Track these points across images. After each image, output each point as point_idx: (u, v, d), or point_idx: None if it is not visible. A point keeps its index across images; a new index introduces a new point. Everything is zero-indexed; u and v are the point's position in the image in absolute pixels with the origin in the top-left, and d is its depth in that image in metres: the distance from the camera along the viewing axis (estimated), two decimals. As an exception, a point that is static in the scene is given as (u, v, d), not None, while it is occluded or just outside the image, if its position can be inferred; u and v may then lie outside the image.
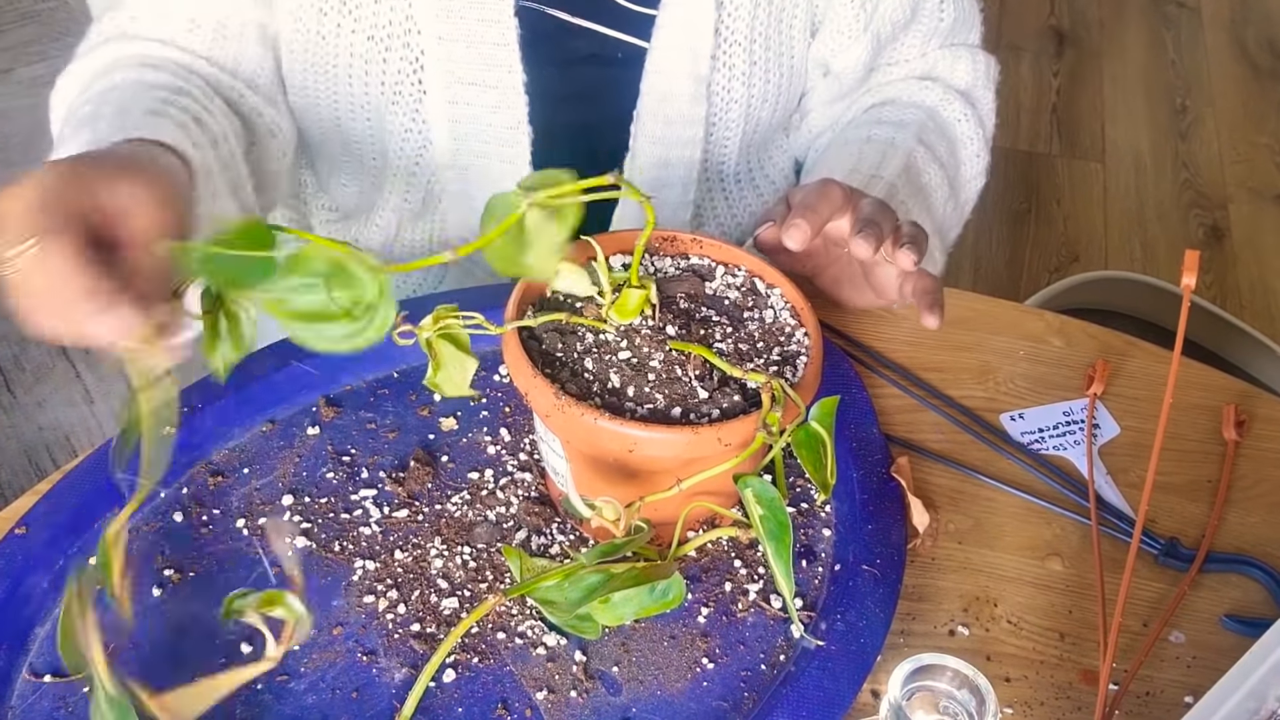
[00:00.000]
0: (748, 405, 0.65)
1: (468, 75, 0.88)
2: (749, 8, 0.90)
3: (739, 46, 0.91)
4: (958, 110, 0.99)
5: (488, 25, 0.87)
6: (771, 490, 0.61)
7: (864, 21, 0.94)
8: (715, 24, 0.89)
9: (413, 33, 0.88)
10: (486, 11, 0.86)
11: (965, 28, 1.01)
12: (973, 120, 1.00)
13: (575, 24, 0.90)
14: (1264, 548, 0.76)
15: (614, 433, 0.62)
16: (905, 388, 0.85)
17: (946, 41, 1.01)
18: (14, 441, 1.82)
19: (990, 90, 1.03)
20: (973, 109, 1.00)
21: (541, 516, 0.73)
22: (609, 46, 0.91)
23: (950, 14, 0.99)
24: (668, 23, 0.89)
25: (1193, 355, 0.85)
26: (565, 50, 0.91)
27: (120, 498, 0.63)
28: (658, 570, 0.60)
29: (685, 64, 0.90)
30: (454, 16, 0.87)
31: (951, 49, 1.01)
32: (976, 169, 1.01)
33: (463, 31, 0.87)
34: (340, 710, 0.64)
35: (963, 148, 1.00)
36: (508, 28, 0.87)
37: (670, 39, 0.89)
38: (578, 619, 0.62)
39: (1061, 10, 2.81)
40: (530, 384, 0.65)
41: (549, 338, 0.67)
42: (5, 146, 2.28)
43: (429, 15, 0.87)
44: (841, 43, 0.95)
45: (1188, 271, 0.64)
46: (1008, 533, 0.76)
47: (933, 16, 0.98)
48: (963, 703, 0.52)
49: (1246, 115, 2.55)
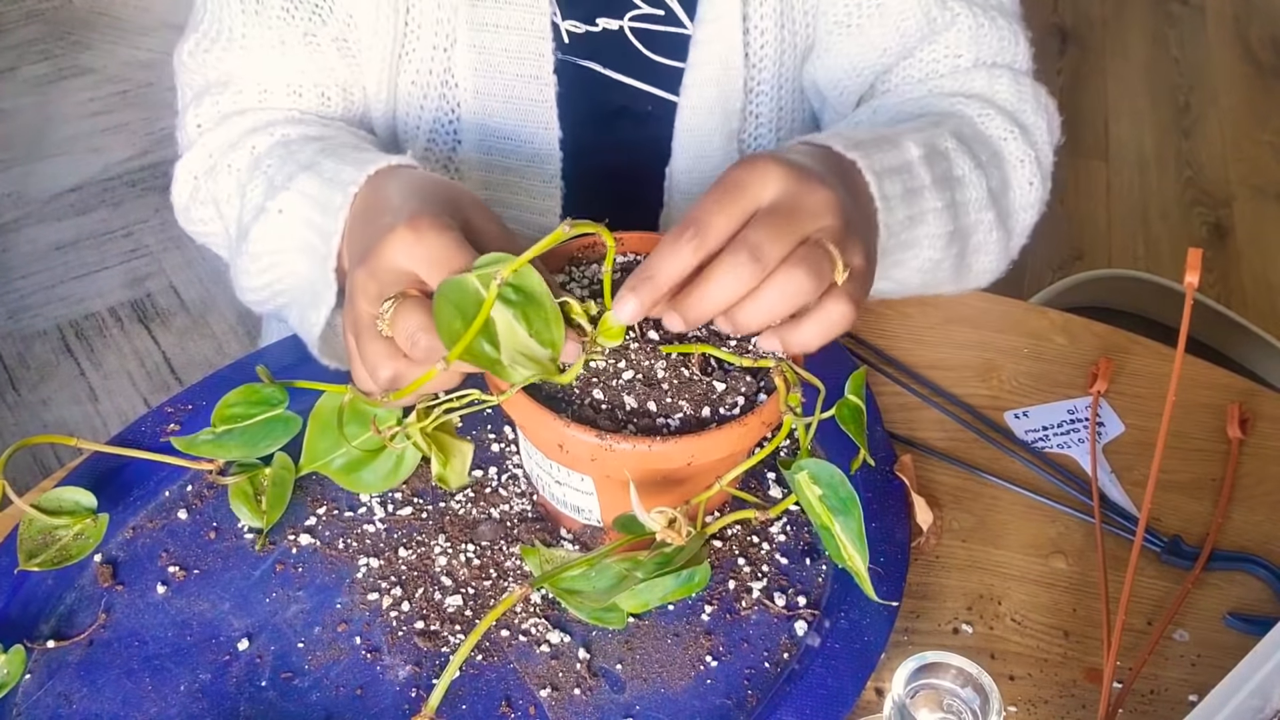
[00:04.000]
0: (759, 385, 0.65)
1: (503, 130, 0.88)
2: (774, 58, 0.88)
3: (766, 97, 0.90)
4: (1000, 126, 0.83)
5: (526, 82, 0.86)
6: (829, 468, 0.60)
7: (839, 37, 0.88)
8: (744, 80, 0.87)
9: (450, 85, 0.87)
10: (525, 68, 0.85)
11: (1007, 49, 0.87)
12: (1020, 140, 0.84)
13: (608, 77, 0.89)
14: (1268, 546, 0.76)
15: (670, 452, 0.62)
16: (908, 385, 0.85)
17: (982, 61, 0.87)
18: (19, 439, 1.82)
19: (1043, 118, 0.86)
20: (1019, 128, 0.84)
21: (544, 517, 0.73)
22: (640, 101, 0.90)
23: (987, 29, 0.86)
24: (696, 80, 0.87)
25: (1196, 353, 0.85)
26: (597, 104, 0.90)
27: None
28: (685, 554, 0.60)
29: (717, 121, 0.88)
30: (492, 71, 0.86)
31: (989, 68, 0.86)
32: (1029, 197, 0.84)
33: (500, 87, 0.86)
34: (345, 707, 0.64)
35: (1012, 169, 0.83)
36: (546, 84, 0.86)
37: (699, 97, 0.88)
38: (603, 610, 0.62)
39: (1064, 8, 2.80)
40: (564, 436, 0.62)
41: (545, 383, 0.65)
42: (9, 144, 2.29)
43: (467, 70, 0.86)
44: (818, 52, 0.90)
45: (1191, 270, 0.64)
46: (1011, 531, 0.76)
47: (960, 31, 0.86)
48: (966, 701, 0.52)
49: (1250, 113, 2.54)
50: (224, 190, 0.82)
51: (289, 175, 0.75)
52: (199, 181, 0.85)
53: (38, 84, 2.44)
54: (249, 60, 0.84)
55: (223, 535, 0.72)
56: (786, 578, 0.71)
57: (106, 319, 2.01)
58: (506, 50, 0.85)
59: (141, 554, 0.71)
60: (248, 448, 0.72)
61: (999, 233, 0.82)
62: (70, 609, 0.69)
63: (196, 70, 0.86)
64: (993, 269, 0.85)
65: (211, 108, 0.85)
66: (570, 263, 0.71)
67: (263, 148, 0.81)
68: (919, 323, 0.88)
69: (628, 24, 0.88)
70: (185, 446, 0.71)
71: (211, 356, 1.95)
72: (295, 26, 0.83)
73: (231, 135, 0.83)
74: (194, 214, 0.87)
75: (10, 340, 1.97)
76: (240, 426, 0.72)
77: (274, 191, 0.76)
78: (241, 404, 0.72)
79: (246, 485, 0.72)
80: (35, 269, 2.09)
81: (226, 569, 0.70)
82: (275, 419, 0.72)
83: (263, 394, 0.72)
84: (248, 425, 0.72)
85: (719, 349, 0.66)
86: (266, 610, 0.69)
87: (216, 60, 0.85)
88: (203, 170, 0.84)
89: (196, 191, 0.85)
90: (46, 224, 2.16)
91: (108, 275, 2.08)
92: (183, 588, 0.70)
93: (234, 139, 0.83)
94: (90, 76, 2.46)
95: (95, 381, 1.92)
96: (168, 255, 2.12)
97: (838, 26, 0.88)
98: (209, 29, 0.85)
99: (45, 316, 2.01)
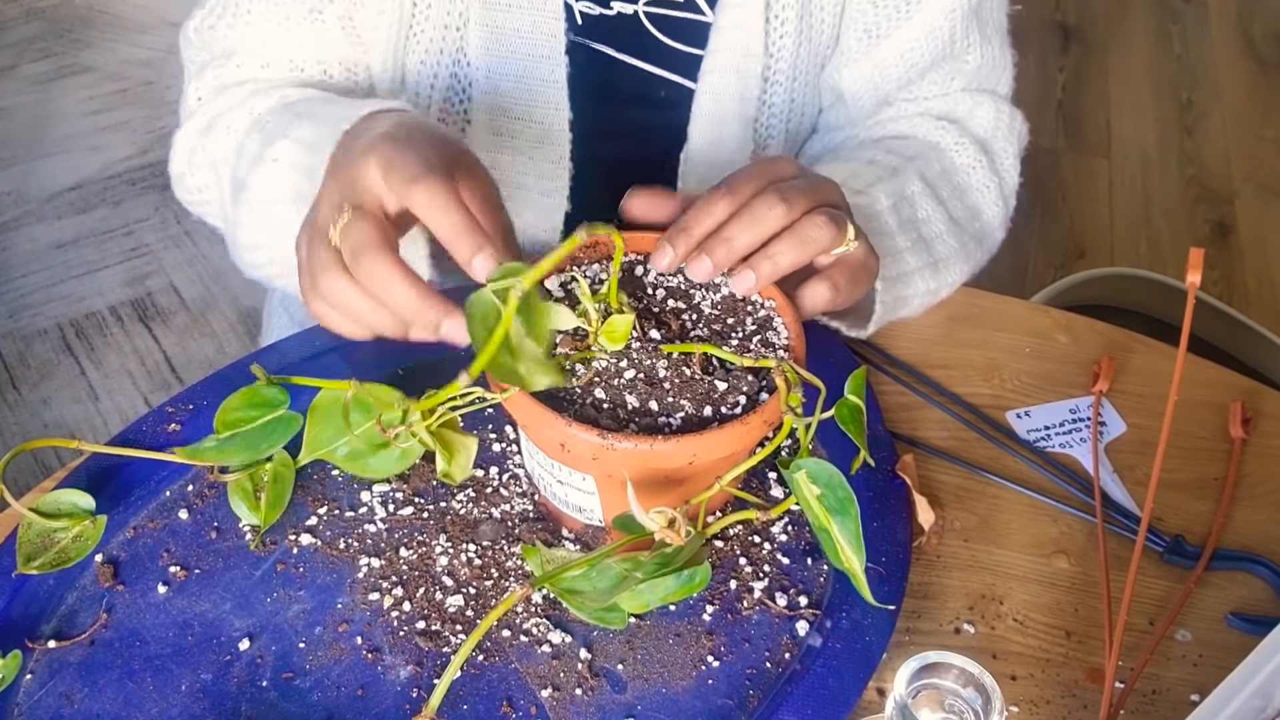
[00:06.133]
0: (761, 385, 0.65)
1: (514, 110, 0.88)
2: (792, 49, 0.89)
3: (781, 86, 0.91)
4: (970, 156, 0.91)
5: (537, 62, 0.86)
6: (828, 467, 0.60)
7: (866, 45, 0.90)
8: (763, 69, 0.88)
9: (461, 64, 0.87)
10: (537, 48, 0.86)
11: (993, 75, 0.95)
12: (985, 169, 0.91)
13: (622, 61, 0.90)
14: (1270, 545, 0.76)
15: (672, 452, 0.62)
16: (910, 385, 0.84)
17: (971, 85, 0.94)
18: (19, 438, 1.83)
19: (1012, 144, 0.94)
20: (987, 157, 0.92)
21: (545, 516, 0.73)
22: (653, 86, 0.91)
23: (977, 57, 0.92)
24: (715, 67, 0.88)
25: (1199, 352, 0.85)
26: (610, 88, 0.91)
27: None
28: (684, 554, 0.60)
29: (734, 108, 0.89)
30: (504, 50, 0.86)
31: (974, 94, 0.94)
32: (992, 220, 0.92)
33: (512, 67, 0.86)
34: (346, 708, 0.64)
35: (977, 195, 0.91)
36: (557, 64, 0.86)
37: (719, 84, 0.88)
38: (604, 610, 0.62)
39: (1067, 5, 2.80)
40: (565, 436, 0.62)
41: None
42: (9, 143, 2.29)
43: (479, 48, 0.86)
44: (846, 59, 0.92)
45: (1193, 269, 0.64)
46: (1013, 530, 0.76)
47: (958, 57, 0.92)
48: (968, 701, 0.52)
49: (1253, 109, 2.54)
50: (222, 151, 0.83)
51: (286, 124, 0.76)
52: (197, 143, 0.86)
53: (38, 82, 2.44)
54: (253, 34, 0.85)
55: (224, 535, 0.72)
56: (788, 578, 0.71)
57: (107, 318, 2.01)
58: (519, 30, 0.86)
59: (143, 554, 0.71)
60: (251, 451, 0.71)
61: (965, 260, 0.88)
62: (71, 609, 0.68)
63: (202, 46, 0.88)
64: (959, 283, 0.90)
65: (213, 80, 0.86)
66: (573, 263, 0.71)
67: (262, 108, 0.82)
68: (920, 322, 0.88)
69: (642, 9, 0.88)
70: (189, 456, 0.71)
71: (212, 355, 1.95)
72: (301, 2, 0.84)
73: (231, 101, 0.84)
74: (189, 181, 0.88)
75: (10, 339, 1.97)
76: (243, 431, 0.71)
77: (271, 140, 0.76)
78: (243, 408, 0.71)
79: (246, 482, 0.72)
80: (35, 268, 2.09)
81: (228, 569, 0.70)
82: (278, 420, 0.72)
83: (264, 396, 0.72)
84: (250, 429, 0.71)
85: (721, 349, 0.66)
86: (268, 610, 0.68)
87: (222, 36, 0.86)
88: (200, 133, 0.85)
89: (193, 155, 0.86)
90: (47, 222, 2.16)
91: (108, 274, 2.08)
92: (184, 588, 0.69)
93: (233, 104, 0.84)
94: (90, 74, 2.46)
95: (96, 380, 1.92)
96: (168, 254, 2.12)
97: (865, 34, 0.90)
98: (215, 4, 0.86)
99: (45, 315, 2.01)
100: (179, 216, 2.15)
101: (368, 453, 0.72)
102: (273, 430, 0.71)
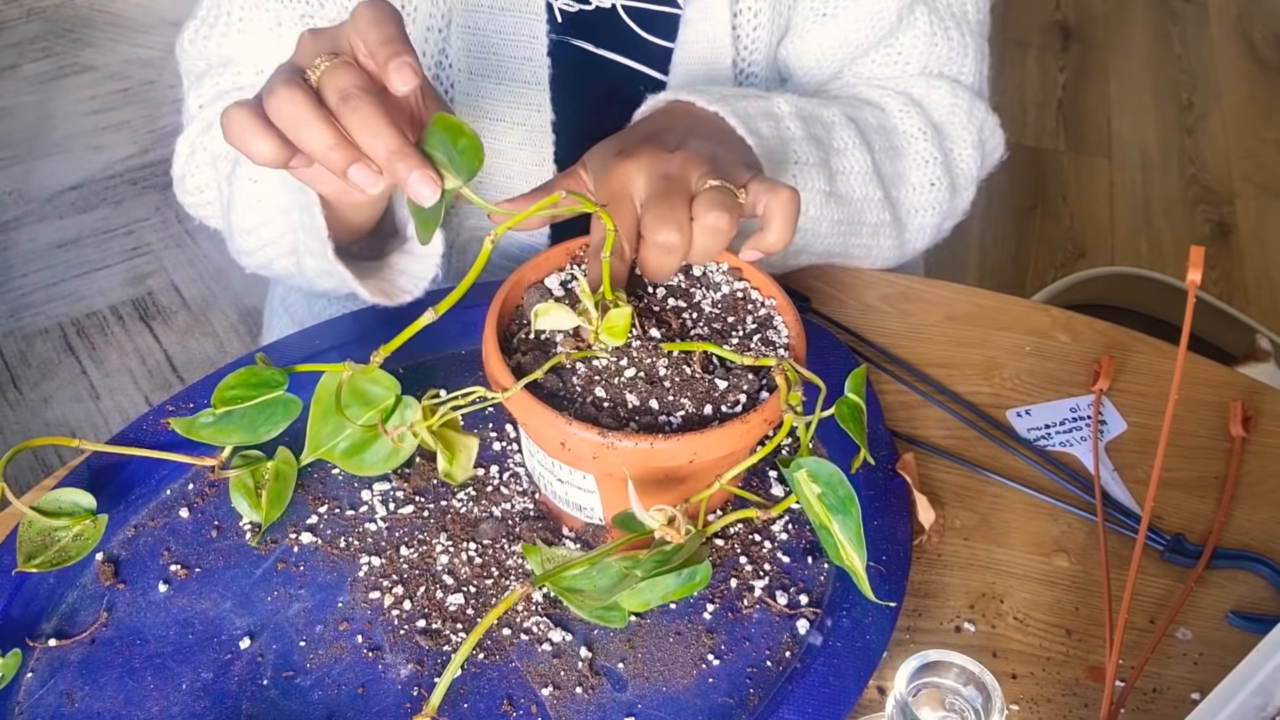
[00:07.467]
0: (761, 384, 0.65)
1: (495, 112, 0.88)
2: (766, 41, 0.89)
3: (756, 80, 0.90)
4: (914, 125, 0.88)
5: (520, 63, 0.86)
6: (829, 466, 0.60)
7: (813, 22, 0.89)
8: (733, 60, 0.88)
9: (444, 66, 0.87)
10: (519, 49, 0.86)
11: (954, 62, 0.92)
12: (929, 142, 0.89)
13: (600, 56, 0.90)
14: (1270, 544, 0.76)
15: (672, 450, 0.62)
16: (910, 383, 0.84)
17: (929, 69, 0.92)
18: (20, 437, 1.83)
19: (970, 132, 0.91)
20: (935, 130, 0.89)
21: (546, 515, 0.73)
22: (632, 80, 0.91)
23: (939, 39, 0.90)
24: (684, 59, 0.88)
25: (1199, 351, 0.85)
26: (589, 85, 0.91)
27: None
28: (685, 552, 0.60)
29: None
30: (486, 52, 0.86)
31: (931, 78, 0.91)
32: (927, 197, 0.89)
33: (493, 68, 0.87)
34: (346, 706, 0.64)
35: (909, 164, 0.88)
36: (540, 66, 0.86)
37: (688, 76, 0.88)
38: (604, 609, 0.62)
39: (1067, 5, 2.80)
40: (566, 434, 0.63)
41: (548, 381, 0.65)
42: (10, 142, 2.29)
43: (460, 50, 0.86)
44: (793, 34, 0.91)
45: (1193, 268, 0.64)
46: (1014, 529, 0.76)
47: (917, 36, 0.90)
48: (969, 699, 0.52)
49: (1253, 110, 2.54)
50: (221, 147, 0.83)
51: None
52: (197, 143, 0.86)
53: (39, 81, 2.44)
54: (247, 42, 0.86)
55: (224, 534, 0.72)
56: (788, 576, 0.71)
57: (108, 317, 2.01)
58: (500, 32, 0.86)
59: (143, 552, 0.71)
60: (248, 431, 0.71)
61: (889, 215, 0.87)
62: (72, 608, 0.69)
63: (197, 56, 0.88)
64: (886, 254, 0.91)
65: (211, 87, 0.87)
66: (572, 261, 0.71)
67: None
68: (920, 320, 0.88)
69: (620, 2, 0.88)
70: (185, 430, 0.70)
71: (213, 354, 1.95)
72: (292, 9, 0.85)
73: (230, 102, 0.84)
74: (189, 182, 0.88)
75: (11, 338, 1.97)
76: (240, 408, 0.71)
77: None
78: (241, 386, 0.71)
79: (247, 478, 0.72)
80: (36, 267, 2.09)
81: (228, 567, 0.70)
82: (275, 401, 0.71)
83: (262, 376, 0.71)
84: (248, 407, 0.71)
85: (721, 347, 0.66)
86: (268, 609, 0.68)
87: (216, 45, 0.87)
88: (200, 134, 0.86)
89: (193, 155, 0.87)
90: (48, 222, 2.16)
91: (109, 273, 2.08)
92: (184, 586, 0.69)
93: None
94: (91, 74, 2.46)
95: (96, 380, 1.92)
96: (169, 253, 2.12)
97: (813, 14, 0.90)
98: (208, 15, 0.87)
99: (46, 314, 2.01)
100: (180, 216, 2.15)
101: (366, 444, 0.71)
102: (271, 412, 0.71)
